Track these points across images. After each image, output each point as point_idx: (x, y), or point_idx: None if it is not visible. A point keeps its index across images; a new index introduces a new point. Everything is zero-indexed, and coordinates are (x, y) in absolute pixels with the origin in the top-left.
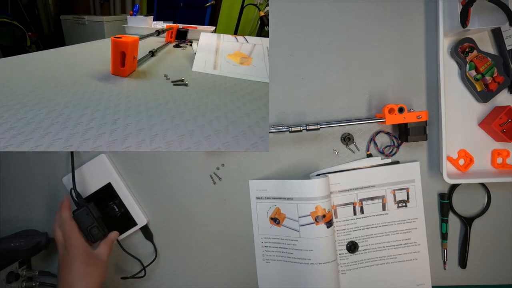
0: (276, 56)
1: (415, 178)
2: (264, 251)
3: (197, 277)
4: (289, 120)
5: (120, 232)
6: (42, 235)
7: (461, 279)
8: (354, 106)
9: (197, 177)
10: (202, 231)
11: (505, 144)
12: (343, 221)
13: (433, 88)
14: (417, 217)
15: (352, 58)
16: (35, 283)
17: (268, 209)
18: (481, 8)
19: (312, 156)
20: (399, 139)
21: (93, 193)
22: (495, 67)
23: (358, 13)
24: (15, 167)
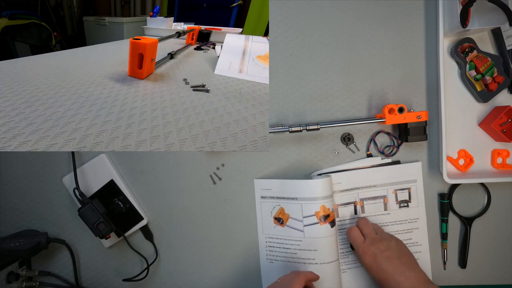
0: (276, 56)
1: (417, 178)
2: (268, 251)
3: (198, 277)
4: (289, 120)
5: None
6: (42, 235)
7: (461, 279)
8: (354, 106)
9: (197, 177)
10: (202, 231)
11: (505, 144)
12: (344, 221)
13: (433, 88)
14: (418, 217)
15: (352, 58)
16: (35, 283)
17: (272, 208)
18: (481, 8)
19: (312, 156)
20: (399, 139)
21: (97, 191)
22: (495, 67)
23: (358, 13)
24: (15, 167)
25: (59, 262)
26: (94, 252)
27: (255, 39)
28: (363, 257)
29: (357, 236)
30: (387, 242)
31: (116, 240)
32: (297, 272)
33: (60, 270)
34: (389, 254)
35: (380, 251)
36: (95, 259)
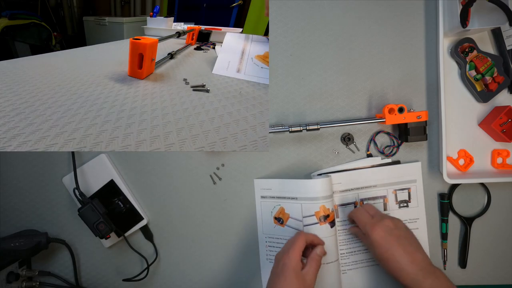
0: (276, 56)
1: (416, 178)
2: (268, 250)
3: (198, 277)
4: (289, 120)
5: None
6: (42, 235)
7: (461, 279)
8: (354, 106)
9: (197, 177)
10: (202, 231)
11: (505, 144)
12: (344, 221)
13: (433, 88)
14: (418, 217)
15: (352, 58)
16: (35, 283)
17: (273, 208)
18: (481, 8)
19: (312, 156)
20: (399, 139)
21: (97, 191)
22: (495, 67)
23: (358, 13)
24: (15, 167)
25: (59, 262)
26: (94, 252)
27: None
28: (372, 232)
29: (363, 213)
30: (396, 221)
31: (116, 240)
32: (299, 232)
33: (60, 270)
34: (399, 234)
35: (390, 229)
36: (95, 259)
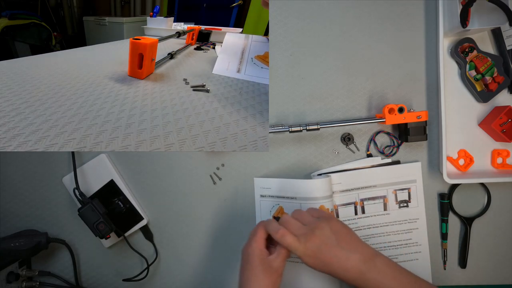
0: (276, 56)
1: (416, 178)
2: None
3: (198, 277)
4: (289, 120)
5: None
6: (42, 235)
7: (461, 279)
8: (354, 106)
9: (197, 177)
10: (202, 231)
11: (505, 144)
12: (344, 221)
13: (433, 88)
14: (418, 217)
15: (352, 58)
16: (35, 283)
17: (272, 207)
18: (481, 8)
19: (312, 156)
20: (399, 139)
21: (97, 191)
22: (495, 67)
23: (358, 13)
24: (15, 167)
25: (59, 262)
26: (94, 252)
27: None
28: (303, 259)
29: (288, 239)
30: (320, 231)
31: (116, 240)
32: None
33: (60, 270)
34: (327, 244)
35: (317, 246)
36: (95, 259)
